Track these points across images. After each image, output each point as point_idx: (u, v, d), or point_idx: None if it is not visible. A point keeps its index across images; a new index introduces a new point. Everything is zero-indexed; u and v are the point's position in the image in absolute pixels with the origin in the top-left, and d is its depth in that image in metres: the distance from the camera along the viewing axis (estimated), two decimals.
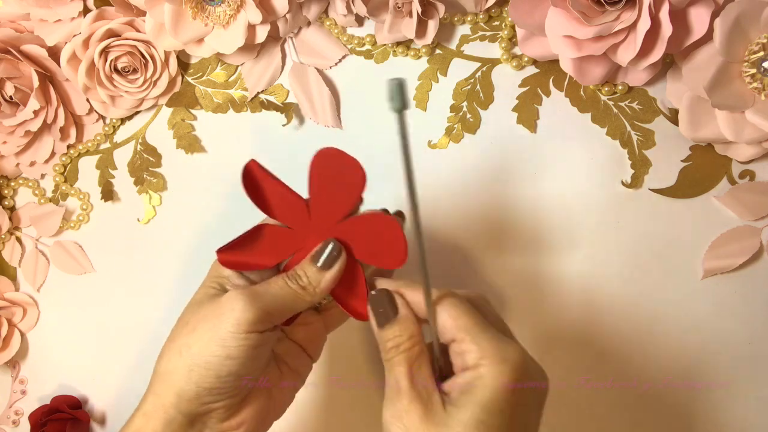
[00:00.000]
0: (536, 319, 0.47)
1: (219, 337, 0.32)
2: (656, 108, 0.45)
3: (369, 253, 0.34)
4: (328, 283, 0.34)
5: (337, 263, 0.34)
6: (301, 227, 0.35)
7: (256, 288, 0.34)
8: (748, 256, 0.44)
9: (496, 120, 0.47)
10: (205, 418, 0.34)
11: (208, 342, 0.32)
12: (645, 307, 0.46)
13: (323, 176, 0.33)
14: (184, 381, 0.32)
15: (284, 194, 0.34)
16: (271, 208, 0.35)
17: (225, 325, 0.32)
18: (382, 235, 0.33)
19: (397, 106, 0.26)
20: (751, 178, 0.45)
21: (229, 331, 0.32)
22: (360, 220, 0.34)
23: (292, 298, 0.34)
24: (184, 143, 0.51)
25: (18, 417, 0.53)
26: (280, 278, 0.34)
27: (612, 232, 0.46)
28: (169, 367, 0.33)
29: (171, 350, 0.33)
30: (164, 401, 0.33)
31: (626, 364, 0.46)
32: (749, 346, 0.45)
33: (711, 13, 0.39)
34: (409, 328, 0.33)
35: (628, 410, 0.46)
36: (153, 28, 0.46)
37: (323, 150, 0.33)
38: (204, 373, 0.32)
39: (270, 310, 0.33)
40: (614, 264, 0.46)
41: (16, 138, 0.50)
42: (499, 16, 0.47)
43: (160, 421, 0.33)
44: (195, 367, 0.32)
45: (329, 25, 0.49)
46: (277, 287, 0.34)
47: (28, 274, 0.53)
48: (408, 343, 0.32)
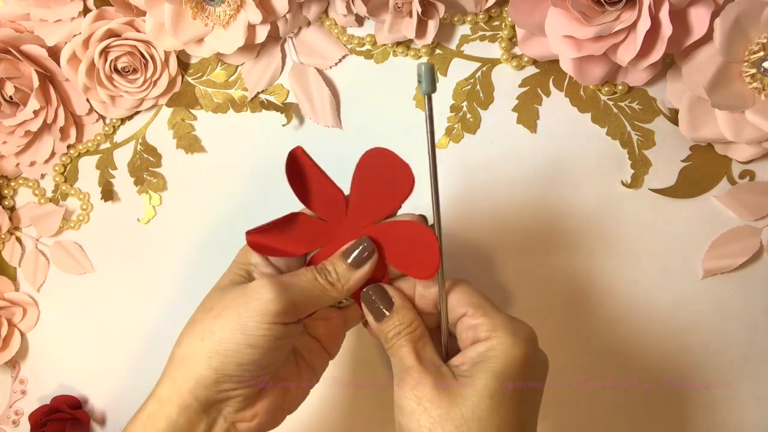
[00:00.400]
0: (535, 319, 0.47)
1: (243, 324, 0.31)
2: (656, 108, 0.45)
3: (399, 259, 0.34)
4: (356, 281, 0.34)
5: (368, 263, 0.34)
6: (336, 221, 0.35)
7: (285, 278, 0.33)
8: (748, 256, 0.44)
9: (496, 120, 0.47)
10: (221, 406, 0.33)
11: (231, 329, 0.32)
12: (645, 307, 0.46)
13: (369, 175, 0.33)
14: (203, 366, 0.32)
15: (325, 185, 0.34)
16: (309, 198, 0.34)
17: (250, 313, 0.31)
18: (416, 244, 0.33)
19: (427, 88, 0.28)
20: (751, 178, 0.45)
21: (254, 319, 0.31)
22: (397, 225, 0.34)
23: (319, 293, 0.34)
24: (184, 143, 0.51)
25: (18, 417, 0.53)
26: (310, 271, 0.34)
27: (612, 232, 0.46)
28: (189, 351, 0.32)
29: (192, 335, 0.33)
30: (181, 386, 0.32)
31: (626, 364, 0.46)
32: (749, 346, 0.45)
33: (711, 13, 0.39)
34: (408, 316, 0.34)
35: (628, 410, 0.46)
36: (153, 28, 0.46)
37: (375, 149, 0.33)
38: (224, 360, 0.32)
39: (296, 303, 0.33)
40: (614, 264, 0.46)
41: (16, 138, 0.50)
42: (499, 16, 0.47)
43: (176, 407, 0.32)
44: (215, 354, 0.32)
45: (329, 25, 0.49)
46: (306, 280, 0.33)
47: (28, 274, 0.53)
48: (409, 328, 0.33)
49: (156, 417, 0.32)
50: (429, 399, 0.30)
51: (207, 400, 0.32)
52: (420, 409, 0.30)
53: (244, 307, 0.32)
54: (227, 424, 0.34)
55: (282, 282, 0.33)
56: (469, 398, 0.30)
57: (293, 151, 0.34)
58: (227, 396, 0.33)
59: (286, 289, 0.32)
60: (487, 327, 0.32)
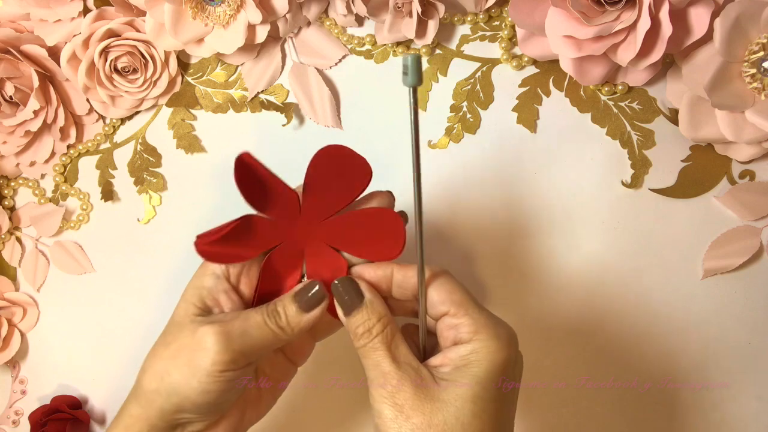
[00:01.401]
0: (536, 319, 0.47)
1: (196, 372, 0.32)
2: (656, 108, 0.45)
3: (361, 247, 0.34)
4: (307, 323, 0.34)
5: (319, 307, 0.33)
6: (290, 220, 0.34)
7: (234, 326, 0.32)
8: (748, 256, 0.44)
9: (496, 120, 0.47)
10: (186, 425, 0.35)
11: (186, 374, 0.32)
12: (645, 307, 0.46)
13: (323, 171, 0.33)
14: (165, 402, 0.33)
15: (276, 187, 0.34)
16: (261, 201, 0.34)
17: (201, 362, 0.32)
18: (378, 227, 0.33)
19: (412, 81, 0.26)
20: (751, 178, 0.45)
21: (205, 369, 0.32)
22: (354, 214, 0.34)
23: (269, 338, 0.33)
24: (184, 143, 0.51)
25: (18, 417, 0.53)
26: (259, 315, 0.33)
27: (612, 232, 0.46)
28: (152, 386, 0.33)
29: (153, 371, 0.33)
30: (148, 411, 0.33)
31: (626, 364, 0.46)
32: (749, 346, 0.45)
33: (711, 13, 0.39)
34: (377, 311, 0.33)
35: (628, 410, 0.46)
36: (153, 28, 0.46)
37: (329, 146, 0.32)
38: (183, 400, 0.32)
39: (245, 351, 0.32)
40: (614, 264, 0.46)
41: (16, 138, 0.50)
42: (499, 16, 0.47)
43: (145, 425, 0.33)
44: (174, 394, 0.32)
45: (329, 25, 0.49)
46: (255, 325, 0.33)
47: (28, 274, 0.53)
48: (379, 325, 0.32)
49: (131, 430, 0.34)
50: (410, 405, 0.30)
51: (172, 422, 0.34)
52: (401, 416, 0.30)
53: (195, 354, 0.32)
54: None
55: (229, 331, 0.32)
56: (452, 403, 0.30)
57: (240, 157, 0.33)
58: (191, 420, 0.34)
59: (234, 338, 0.32)
60: (469, 328, 0.31)
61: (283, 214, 0.34)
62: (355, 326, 0.33)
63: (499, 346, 0.31)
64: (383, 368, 0.31)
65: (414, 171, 0.30)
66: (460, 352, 0.31)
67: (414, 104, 0.28)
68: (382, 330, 0.32)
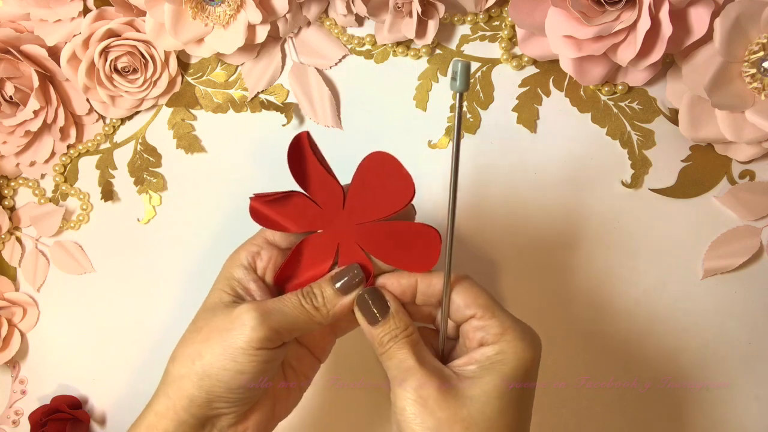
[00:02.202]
0: (535, 319, 0.47)
1: (230, 351, 0.32)
2: (656, 108, 0.45)
3: (394, 256, 0.35)
4: (343, 307, 0.34)
5: (356, 290, 0.34)
6: (333, 211, 0.35)
7: (269, 304, 0.33)
8: (748, 256, 0.44)
9: (496, 120, 0.47)
10: (215, 421, 0.34)
11: (219, 354, 0.32)
12: (645, 307, 0.46)
13: (371, 177, 0.34)
14: (196, 388, 0.32)
15: (325, 175, 0.34)
16: (308, 183, 0.35)
17: (236, 340, 0.32)
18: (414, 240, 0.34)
19: (460, 86, 0.27)
20: (751, 178, 0.45)
21: (240, 347, 0.32)
22: (392, 225, 0.34)
23: (304, 318, 0.34)
24: (184, 143, 0.51)
25: (18, 417, 0.53)
26: (295, 296, 0.34)
27: (612, 232, 0.46)
28: (181, 372, 0.33)
29: (183, 356, 0.33)
30: (176, 404, 0.33)
31: (626, 364, 0.46)
32: (749, 346, 0.45)
33: (711, 13, 0.39)
34: (403, 320, 0.33)
35: (628, 410, 0.46)
36: (153, 28, 0.46)
37: (379, 153, 0.33)
38: (215, 383, 0.32)
39: (280, 329, 0.33)
40: (614, 264, 0.46)
41: (16, 138, 0.50)
42: (499, 16, 0.47)
43: (172, 422, 0.33)
44: (206, 377, 0.32)
45: (329, 25, 0.49)
46: (290, 305, 0.33)
47: (28, 274, 0.53)
48: (405, 332, 0.33)
49: (155, 429, 0.33)
50: (434, 400, 0.30)
51: (201, 416, 0.33)
52: (425, 410, 0.30)
53: (230, 333, 0.32)
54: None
55: (265, 308, 0.33)
56: (478, 399, 0.30)
57: (299, 136, 0.34)
58: (220, 413, 0.34)
59: (270, 315, 0.33)
60: (496, 329, 0.32)
61: (328, 203, 0.35)
62: (380, 336, 0.33)
63: (525, 347, 0.31)
64: (408, 364, 0.32)
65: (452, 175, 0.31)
66: (487, 353, 0.31)
67: (459, 109, 0.28)
68: (408, 335, 0.33)
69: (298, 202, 0.35)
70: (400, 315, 0.33)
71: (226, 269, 0.36)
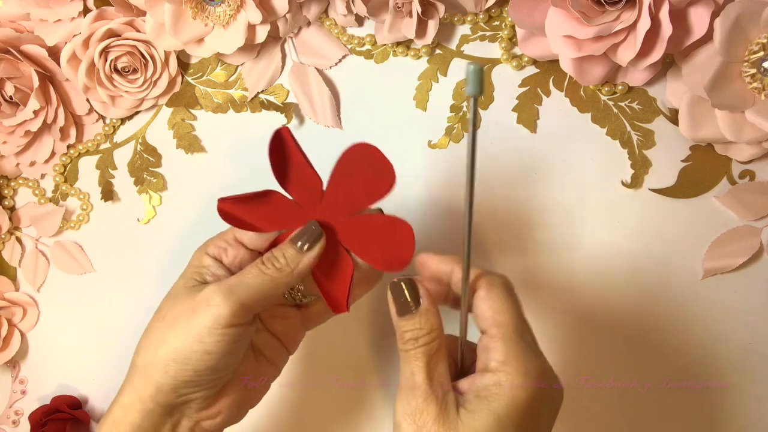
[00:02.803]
0: (536, 319, 0.47)
1: (196, 332, 0.32)
2: (656, 108, 0.45)
3: (370, 252, 0.35)
4: (306, 264, 0.34)
5: (317, 245, 0.34)
6: (310, 207, 0.35)
7: (231, 281, 0.33)
8: (748, 256, 0.44)
9: (496, 120, 0.47)
10: (183, 408, 0.34)
11: (185, 337, 0.32)
12: (645, 307, 0.46)
13: (351, 168, 0.33)
14: (161, 375, 0.32)
15: (305, 169, 0.34)
16: (287, 180, 0.35)
17: (201, 320, 0.32)
18: (390, 238, 0.34)
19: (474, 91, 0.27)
20: (751, 178, 0.45)
21: (206, 326, 0.32)
22: (371, 218, 0.34)
23: (269, 285, 0.33)
24: (184, 143, 0.51)
25: (18, 417, 0.53)
26: (254, 266, 0.34)
27: (612, 232, 0.46)
28: (146, 360, 0.33)
29: (148, 344, 0.33)
30: (142, 394, 0.33)
31: (626, 364, 0.46)
32: (749, 346, 0.45)
33: (711, 13, 0.39)
34: (430, 321, 0.32)
35: (628, 410, 0.46)
36: (153, 28, 0.46)
37: (361, 144, 0.33)
38: (181, 368, 0.32)
39: (247, 302, 0.32)
40: (614, 264, 0.46)
41: (16, 138, 0.50)
42: (499, 16, 0.47)
43: (139, 413, 0.33)
44: (172, 362, 0.32)
45: (329, 25, 0.49)
46: (251, 276, 0.33)
47: (28, 274, 0.53)
48: (427, 337, 0.31)
49: (121, 423, 0.33)
50: (428, 428, 0.29)
51: (168, 404, 0.33)
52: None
53: (194, 314, 0.32)
54: (191, 422, 0.34)
55: (228, 285, 0.33)
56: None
57: (279, 131, 0.34)
58: (188, 399, 0.33)
59: (234, 290, 0.32)
60: (499, 356, 0.30)
61: (305, 198, 0.35)
62: (403, 329, 0.32)
63: (523, 382, 0.29)
64: (416, 380, 0.31)
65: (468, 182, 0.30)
66: (484, 382, 0.30)
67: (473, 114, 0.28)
68: (428, 342, 0.31)
69: (272, 201, 0.35)
70: (428, 315, 0.32)
71: (194, 258, 0.36)
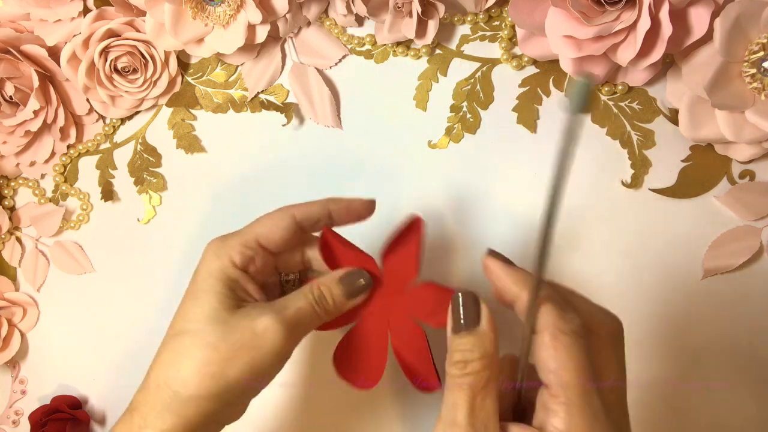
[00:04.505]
0: None
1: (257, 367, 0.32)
2: (656, 108, 0.45)
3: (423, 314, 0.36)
4: (346, 309, 0.35)
5: (361, 295, 0.35)
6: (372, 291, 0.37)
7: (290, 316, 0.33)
8: (748, 256, 0.44)
9: (496, 120, 0.47)
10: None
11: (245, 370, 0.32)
12: (645, 307, 0.46)
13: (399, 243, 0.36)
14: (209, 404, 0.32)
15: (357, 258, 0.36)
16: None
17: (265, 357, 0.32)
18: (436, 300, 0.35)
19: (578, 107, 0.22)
20: (751, 178, 0.45)
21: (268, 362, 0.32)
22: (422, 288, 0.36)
23: (316, 323, 0.35)
24: (184, 143, 0.51)
25: (18, 417, 0.53)
26: (308, 303, 0.34)
27: (612, 232, 0.46)
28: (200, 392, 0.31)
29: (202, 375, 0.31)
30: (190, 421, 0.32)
31: (626, 364, 0.46)
32: (749, 346, 0.45)
33: (711, 13, 0.39)
34: (484, 346, 0.28)
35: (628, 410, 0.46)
36: (153, 28, 0.46)
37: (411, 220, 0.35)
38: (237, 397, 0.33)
39: (300, 337, 0.34)
40: (614, 264, 0.46)
41: (16, 138, 0.50)
42: (499, 16, 0.47)
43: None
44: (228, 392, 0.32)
45: (329, 25, 0.49)
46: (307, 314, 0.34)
47: (28, 274, 0.53)
48: (478, 364, 0.28)
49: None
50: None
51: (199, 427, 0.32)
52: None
53: (257, 351, 0.32)
54: None
55: (289, 322, 0.33)
56: None
57: (322, 233, 0.36)
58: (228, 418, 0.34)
59: (294, 328, 0.33)
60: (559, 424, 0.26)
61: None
62: (454, 348, 0.29)
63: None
64: (456, 416, 0.27)
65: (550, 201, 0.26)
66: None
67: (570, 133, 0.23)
68: (477, 371, 0.28)
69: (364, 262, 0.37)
70: (484, 339, 0.28)
71: (215, 269, 0.34)
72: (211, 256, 0.35)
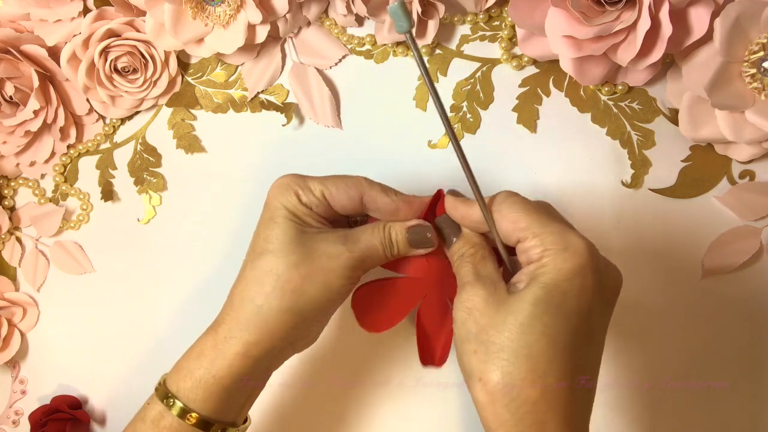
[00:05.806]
0: None
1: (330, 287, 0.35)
2: (656, 108, 0.45)
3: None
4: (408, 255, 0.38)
5: (424, 248, 0.37)
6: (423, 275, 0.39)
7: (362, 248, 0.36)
8: (748, 256, 0.44)
9: (496, 120, 0.47)
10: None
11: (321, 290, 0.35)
12: (645, 307, 0.46)
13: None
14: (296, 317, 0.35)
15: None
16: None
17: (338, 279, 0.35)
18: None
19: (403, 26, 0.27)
20: (751, 178, 0.45)
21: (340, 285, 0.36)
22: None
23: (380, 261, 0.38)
24: (184, 143, 0.51)
25: (18, 417, 0.53)
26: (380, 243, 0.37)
27: (612, 232, 0.46)
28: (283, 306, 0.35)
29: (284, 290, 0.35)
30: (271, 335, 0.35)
31: (626, 364, 0.46)
32: (749, 346, 0.45)
33: (711, 13, 0.39)
34: (471, 240, 0.36)
35: (628, 410, 0.46)
36: (153, 28, 0.46)
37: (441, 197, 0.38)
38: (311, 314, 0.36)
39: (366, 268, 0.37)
40: (614, 264, 0.46)
41: (16, 138, 0.50)
42: (499, 16, 0.47)
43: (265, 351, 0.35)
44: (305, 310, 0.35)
45: (329, 25, 0.49)
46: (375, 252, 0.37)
47: (28, 274, 0.53)
48: (471, 249, 0.35)
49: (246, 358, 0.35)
50: (479, 309, 0.32)
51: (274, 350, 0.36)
52: (470, 318, 0.32)
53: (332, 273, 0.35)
54: None
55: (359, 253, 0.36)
56: (515, 306, 0.31)
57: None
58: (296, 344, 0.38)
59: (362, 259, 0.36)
60: (537, 249, 0.32)
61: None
62: (452, 253, 0.36)
63: (565, 257, 0.31)
64: (466, 279, 0.34)
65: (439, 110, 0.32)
66: (530, 269, 0.32)
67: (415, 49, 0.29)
68: (473, 253, 0.35)
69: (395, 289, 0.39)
70: (467, 237, 0.36)
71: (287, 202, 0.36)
72: (284, 190, 0.37)
